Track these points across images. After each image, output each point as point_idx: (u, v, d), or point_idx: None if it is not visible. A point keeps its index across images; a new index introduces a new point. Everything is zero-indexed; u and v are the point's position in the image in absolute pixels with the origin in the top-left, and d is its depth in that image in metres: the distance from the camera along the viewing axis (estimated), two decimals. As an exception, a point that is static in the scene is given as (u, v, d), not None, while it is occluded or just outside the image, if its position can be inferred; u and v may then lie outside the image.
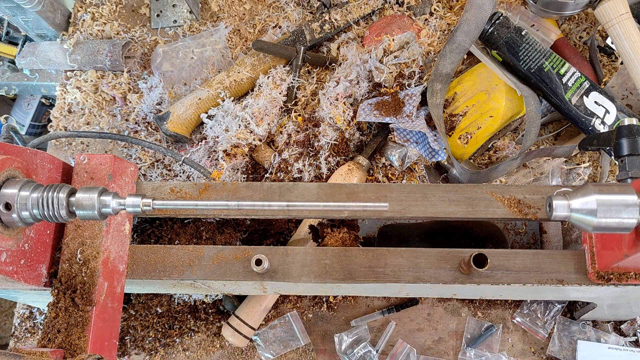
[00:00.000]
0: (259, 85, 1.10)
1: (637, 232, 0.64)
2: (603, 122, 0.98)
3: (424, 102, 1.05)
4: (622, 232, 0.61)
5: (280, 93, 1.08)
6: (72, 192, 0.64)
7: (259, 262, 0.79)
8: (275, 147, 1.09)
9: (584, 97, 1.00)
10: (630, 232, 0.62)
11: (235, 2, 1.26)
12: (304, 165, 1.03)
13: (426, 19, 1.15)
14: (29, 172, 0.69)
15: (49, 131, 1.19)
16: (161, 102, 1.14)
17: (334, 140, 1.04)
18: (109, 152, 1.17)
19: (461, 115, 1.03)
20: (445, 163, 1.04)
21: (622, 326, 1.00)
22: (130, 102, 1.17)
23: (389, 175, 1.07)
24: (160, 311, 1.02)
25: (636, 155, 0.78)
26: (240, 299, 1.02)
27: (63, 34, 1.25)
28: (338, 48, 1.16)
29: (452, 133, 1.03)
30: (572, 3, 1.02)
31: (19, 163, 0.66)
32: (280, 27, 1.20)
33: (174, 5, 1.26)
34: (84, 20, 1.26)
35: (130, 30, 1.25)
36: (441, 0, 1.17)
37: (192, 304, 1.04)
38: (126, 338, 1.02)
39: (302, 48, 1.11)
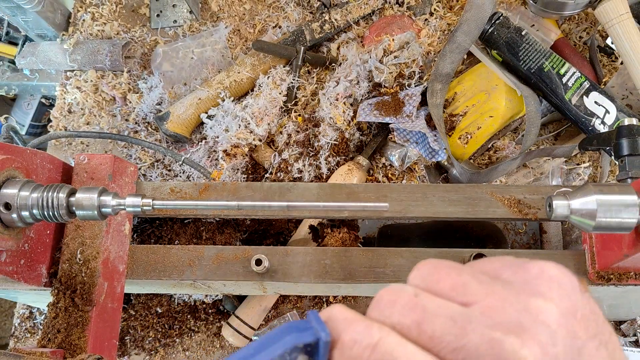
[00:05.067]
0: (259, 85, 1.10)
1: (637, 232, 0.64)
2: (603, 122, 0.98)
3: (424, 102, 1.05)
4: (622, 232, 0.61)
5: (280, 93, 1.08)
6: (72, 192, 0.64)
7: (259, 262, 0.79)
8: (275, 147, 1.09)
9: (584, 97, 1.00)
10: (630, 232, 0.62)
11: (235, 2, 1.26)
12: (304, 165, 1.03)
13: (426, 19, 1.15)
14: (29, 172, 0.69)
15: (48, 131, 1.19)
16: (161, 102, 1.14)
17: (334, 140, 1.04)
18: (109, 152, 1.17)
19: (461, 115, 1.03)
20: (445, 163, 1.04)
21: (622, 326, 1.00)
22: (130, 102, 1.17)
23: (389, 175, 1.07)
24: (160, 311, 1.02)
25: (636, 155, 0.78)
26: (240, 299, 1.02)
27: (63, 34, 1.25)
28: (338, 48, 1.16)
29: (452, 133, 1.03)
30: (572, 3, 1.02)
31: (19, 163, 0.66)
32: (280, 27, 1.20)
33: (174, 5, 1.26)
34: (84, 20, 1.26)
35: (130, 30, 1.25)
36: (441, 0, 1.17)
37: (192, 304, 1.04)
38: (126, 338, 1.02)
39: (302, 48, 1.11)
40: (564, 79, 1.00)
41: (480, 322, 0.30)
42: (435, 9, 1.17)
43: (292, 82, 1.10)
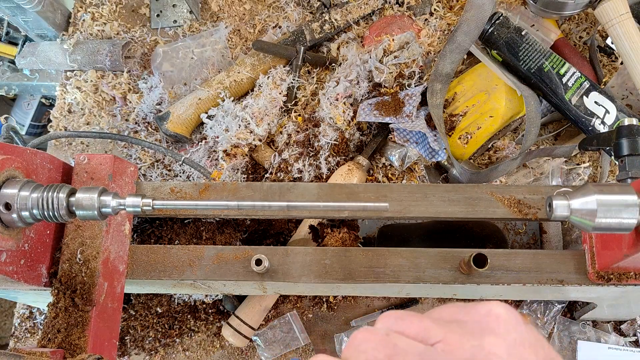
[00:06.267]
0: (259, 85, 1.10)
1: (637, 232, 0.64)
2: (603, 122, 0.98)
3: (424, 102, 1.05)
4: (622, 232, 0.61)
5: (280, 93, 1.08)
6: (72, 192, 0.64)
7: (259, 262, 0.79)
8: (275, 147, 1.09)
9: (584, 97, 1.00)
10: (630, 232, 0.62)
11: (235, 2, 1.26)
12: (304, 165, 1.03)
13: (426, 19, 1.15)
14: (29, 172, 0.69)
15: (49, 131, 1.19)
16: (161, 102, 1.14)
17: (334, 140, 1.04)
18: (109, 152, 1.17)
19: (461, 115, 1.03)
20: (445, 163, 1.04)
21: (622, 326, 1.00)
22: (130, 102, 1.17)
23: (389, 175, 1.07)
24: (160, 311, 1.02)
25: (636, 155, 0.78)
26: (240, 299, 1.02)
27: (63, 34, 1.25)
28: (338, 48, 1.16)
29: (452, 133, 1.03)
30: (572, 3, 1.02)
31: (19, 163, 0.66)
32: (280, 27, 1.20)
33: (174, 5, 1.26)
34: (84, 20, 1.26)
35: (130, 31, 1.25)
36: (441, 0, 1.17)
37: (192, 304, 1.04)
38: (126, 338, 1.02)
39: (302, 48, 1.11)
40: (564, 79, 1.00)
41: (443, 358, 0.34)
42: (435, 9, 1.17)
43: (292, 82, 1.10)
